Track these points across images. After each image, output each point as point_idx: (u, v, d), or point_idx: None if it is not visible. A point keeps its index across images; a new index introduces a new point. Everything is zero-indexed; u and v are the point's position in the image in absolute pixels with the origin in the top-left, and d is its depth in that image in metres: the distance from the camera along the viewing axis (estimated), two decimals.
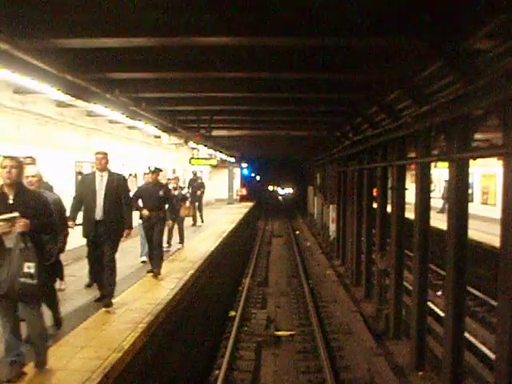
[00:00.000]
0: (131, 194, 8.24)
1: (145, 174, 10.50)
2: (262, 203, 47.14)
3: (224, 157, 26.45)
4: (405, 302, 10.51)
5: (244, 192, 37.31)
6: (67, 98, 8.39)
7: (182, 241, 12.67)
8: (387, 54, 7.34)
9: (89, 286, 7.97)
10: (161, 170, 9.60)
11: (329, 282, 15.71)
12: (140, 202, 9.12)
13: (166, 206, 9.69)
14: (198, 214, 17.72)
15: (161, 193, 9.17)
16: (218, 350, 10.24)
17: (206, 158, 21.54)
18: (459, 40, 5.70)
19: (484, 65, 5.93)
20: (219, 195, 32.14)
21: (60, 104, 9.52)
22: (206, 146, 18.86)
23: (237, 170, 35.74)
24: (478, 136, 11.14)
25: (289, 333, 11.24)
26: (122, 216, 6.91)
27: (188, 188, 17.69)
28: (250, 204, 31.63)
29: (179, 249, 12.32)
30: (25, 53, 5.71)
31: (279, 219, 40.90)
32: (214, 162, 21.78)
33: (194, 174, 18.70)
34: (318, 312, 12.59)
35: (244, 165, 38.57)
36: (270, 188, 68.45)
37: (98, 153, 7.00)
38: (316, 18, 5.62)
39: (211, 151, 21.70)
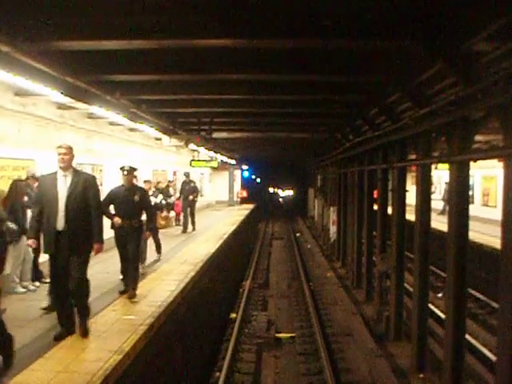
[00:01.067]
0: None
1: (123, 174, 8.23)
2: (263, 205, 47.12)
3: (225, 159, 26.45)
4: (405, 304, 10.50)
5: (244, 194, 37.31)
6: (68, 100, 8.39)
7: (158, 250, 11.17)
8: (387, 56, 7.34)
9: (46, 309, 6.68)
10: (135, 169, 8.19)
11: (329, 284, 15.70)
12: (112, 209, 7.82)
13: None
14: (189, 220, 16.49)
15: (136, 197, 7.79)
16: (218, 351, 10.24)
17: (206, 160, 21.51)
18: (459, 42, 5.71)
19: (484, 67, 5.94)
20: (220, 197, 32.18)
21: (60, 106, 9.53)
22: (206, 148, 18.81)
23: (237, 172, 35.76)
24: (478, 138, 11.15)
25: (289, 335, 11.22)
26: (90, 226, 5.73)
27: (180, 193, 16.65)
28: (251, 206, 31.65)
29: (156, 260, 10.91)
30: (25, 55, 5.71)
31: (280, 221, 40.90)
32: (215, 164, 21.73)
33: (187, 176, 17.00)
34: (318, 314, 12.57)
35: (244, 167, 38.58)
36: (271, 190, 68.43)
37: (59, 147, 5.79)
38: (316, 20, 5.63)
39: (212, 153, 21.70)
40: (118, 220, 7.59)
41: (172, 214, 18.27)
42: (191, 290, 8.99)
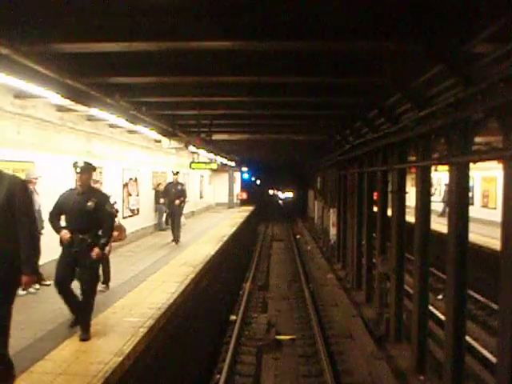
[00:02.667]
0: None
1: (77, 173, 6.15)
2: (263, 207, 47.09)
3: (224, 161, 26.44)
4: (406, 306, 10.49)
5: (244, 196, 37.31)
6: (67, 103, 8.38)
7: (106, 279, 8.34)
8: (387, 57, 7.35)
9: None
10: (94, 168, 6.26)
11: (329, 285, 15.68)
12: (62, 220, 6.06)
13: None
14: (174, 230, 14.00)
15: (90, 204, 5.89)
16: (218, 354, 10.22)
17: (206, 162, 21.50)
18: (459, 43, 5.71)
19: (484, 68, 5.93)
20: (220, 199, 32.20)
21: (60, 108, 9.53)
22: (206, 149, 18.79)
23: (237, 174, 35.76)
24: (478, 139, 11.14)
25: (289, 337, 11.21)
26: (17, 250, 4.10)
27: (164, 196, 14.34)
28: (251, 208, 31.65)
29: (101, 291, 7.89)
30: (25, 57, 5.71)
31: (279, 223, 40.87)
32: (215, 166, 21.71)
33: (174, 174, 14.37)
34: (318, 316, 12.57)
35: (244, 169, 38.58)
36: (271, 192, 68.43)
37: None
38: (315, 21, 5.64)
39: (211, 155, 21.69)
40: (65, 234, 5.82)
41: None
42: (191, 291, 8.98)
